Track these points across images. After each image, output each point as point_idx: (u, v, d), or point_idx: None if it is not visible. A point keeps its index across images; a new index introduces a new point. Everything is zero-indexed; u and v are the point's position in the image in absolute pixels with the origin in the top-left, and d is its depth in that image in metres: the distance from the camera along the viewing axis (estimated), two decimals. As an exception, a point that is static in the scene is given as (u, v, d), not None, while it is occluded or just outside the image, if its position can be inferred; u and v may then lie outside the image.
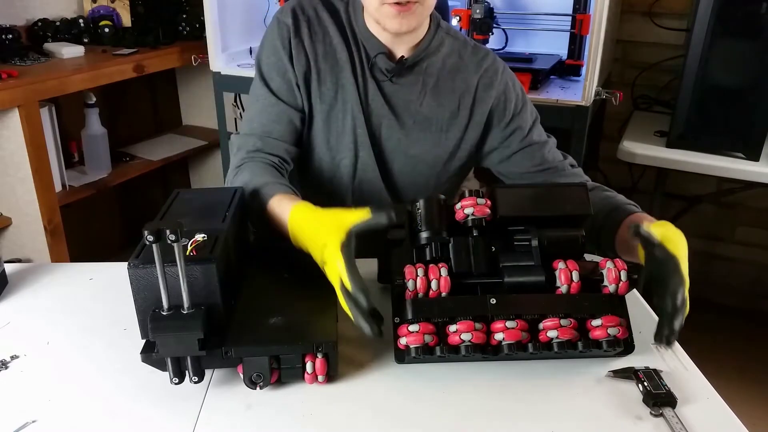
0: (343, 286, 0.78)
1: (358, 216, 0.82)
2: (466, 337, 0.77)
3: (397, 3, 1.01)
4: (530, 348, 0.78)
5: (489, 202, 0.86)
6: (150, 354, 0.74)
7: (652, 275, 0.82)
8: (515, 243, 0.85)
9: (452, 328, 0.78)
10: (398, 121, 1.15)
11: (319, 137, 1.17)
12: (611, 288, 0.80)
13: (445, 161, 1.20)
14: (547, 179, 1.16)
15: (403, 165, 1.19)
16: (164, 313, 0.71)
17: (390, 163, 1.19)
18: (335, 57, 1.14)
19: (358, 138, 1.16)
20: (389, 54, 1.13)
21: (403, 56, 1.13)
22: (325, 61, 1.14)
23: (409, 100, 1.15)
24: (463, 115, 1.17)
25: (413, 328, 0.78)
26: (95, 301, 0.97)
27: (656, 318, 0.93)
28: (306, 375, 0.76)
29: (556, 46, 1.98)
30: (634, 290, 0.83)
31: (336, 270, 0.79)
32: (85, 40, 2.24)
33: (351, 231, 0.81)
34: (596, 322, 0.79)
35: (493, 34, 1.94)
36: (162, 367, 0.75)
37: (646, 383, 0.77)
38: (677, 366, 0.83)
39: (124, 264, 0.73)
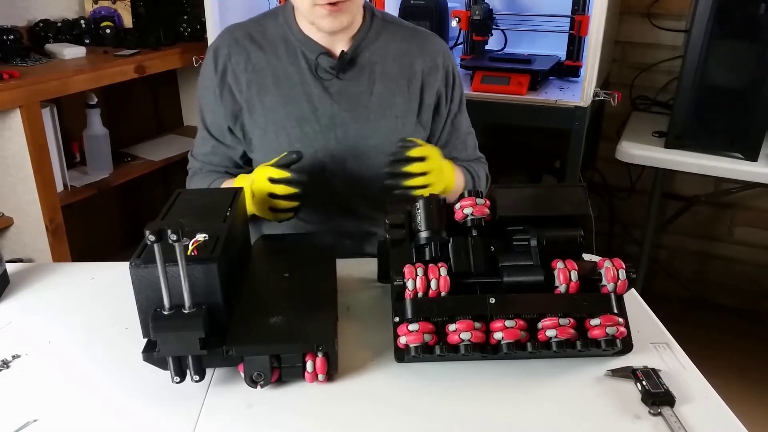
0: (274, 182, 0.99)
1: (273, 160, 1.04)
2: (465, 336, 0.77)
3: (330, 3, 1.03)
4: (529, 347, 0.79)
5: (488, 202, 0.87)
6: (151, 353, 0.75)
7: None
8: (514, 243, 0.85)
9: (452, 327, 0.78)
10: (352, 116, 1.15)
11: (264, 159, 1.13)
12: (610, 287, 0.81)
13: None
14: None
15: (366, 158, 1.17)
16: (165, 313, 0.72)
17: (352, 160, 1.17)
18: (258, 82, 1.14)
19: (314, 145, 1.14)
20: (329, 53, 1.14)
21: (343, 51, 1.13)
22: (249, 90, 1.14)
23: (359, 92, 1.15)
24: (414, 99, 1.18)
25: (413, 327, 0.78)
26: (97, 301, 0.98)
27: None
28: (306, 374, 0.77)
29: (555, 47, 1.98)
30: (633, 290, 0.83)
31: (264, 180, 0.98)
32: (87, 41, 2.24)
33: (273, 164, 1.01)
34: (595, 322, 0.79)
35: (492, 35, 1.94)
36: (163, 366, 0.76)
37: (644, 382, 0.77)
38: (676, 365, 0.83)
39: (126, 264, 0.73)
